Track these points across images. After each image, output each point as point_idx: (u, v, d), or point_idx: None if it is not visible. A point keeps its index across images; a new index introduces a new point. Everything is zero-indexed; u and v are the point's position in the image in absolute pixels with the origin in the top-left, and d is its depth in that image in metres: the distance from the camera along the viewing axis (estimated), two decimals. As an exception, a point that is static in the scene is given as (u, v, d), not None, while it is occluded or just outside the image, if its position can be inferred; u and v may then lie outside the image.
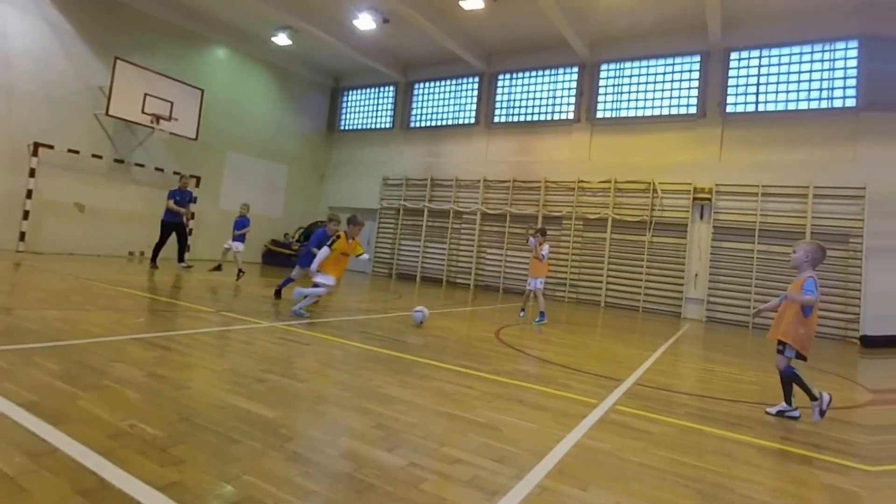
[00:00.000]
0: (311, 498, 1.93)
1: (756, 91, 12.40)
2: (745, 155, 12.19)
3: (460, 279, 15.69)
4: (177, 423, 2.51)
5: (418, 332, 6.20)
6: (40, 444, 2.15)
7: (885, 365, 7.90)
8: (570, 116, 14.63)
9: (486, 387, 3.90)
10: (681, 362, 6.24)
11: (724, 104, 12.57)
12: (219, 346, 4.41)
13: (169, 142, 14.37)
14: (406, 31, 14.39)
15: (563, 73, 14.97)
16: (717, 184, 12.28)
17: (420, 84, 17.73)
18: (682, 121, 13.08)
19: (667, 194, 12.92)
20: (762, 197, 11.76)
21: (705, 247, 12.35)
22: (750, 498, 2.36)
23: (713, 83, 12.70)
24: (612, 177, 13.53)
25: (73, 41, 12.66)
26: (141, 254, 14.07)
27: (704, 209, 12.48)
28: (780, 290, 10.75)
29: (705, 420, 3.62)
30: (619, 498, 2.21)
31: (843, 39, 11.47)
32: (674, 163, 12.90)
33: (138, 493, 1.80)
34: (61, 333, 4.26)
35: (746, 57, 12.55)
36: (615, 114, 14.09)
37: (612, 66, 14.22)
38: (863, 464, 2.99)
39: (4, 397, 2.65)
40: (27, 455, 2.03)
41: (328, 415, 2.95)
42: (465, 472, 2.30)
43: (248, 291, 8.84)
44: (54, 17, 12.33)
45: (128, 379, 3.18)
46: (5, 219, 11.67)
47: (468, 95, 16.66)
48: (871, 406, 4.72)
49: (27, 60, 11.95)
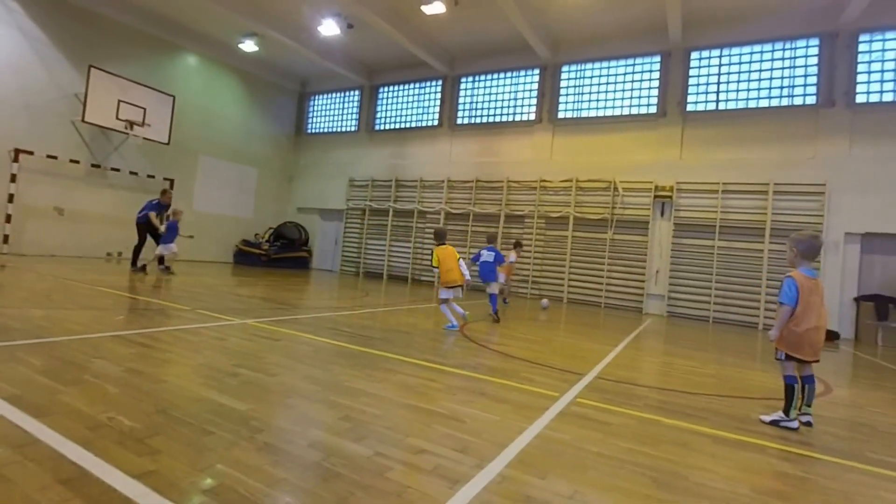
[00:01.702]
0: (280, 485, 1.95)
1: (717, 90, 12.14)
2: (706, 153, 12.02)
3: (425, 276, 15.69)
4: (153, 416, 2.53)
5: (384, 328, 6.23)
6: (23, 436, 2.16)
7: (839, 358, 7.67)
8: (531, 117, 14.45)
9: (449, 380, 3.88)
10: (641, 356, 6.11)
11: (685, 103, 12.35)
12: (194, 342, 4.37)
13: (143, 147, 13.97)
14: (370, 36, 14.25)
15: (524, 74, 14.78)
16: (678, 182, 12.12)
17: (384, 88, 17.54)
18: (643, 120, 12.87)
19: (628, 193, 12.73)
20: (723, 194, 11.61)
21: (666, 244, 12.19)
22: (704, 485, 2.36)
23: (674, 83, 12.49)
24: (574, 176, 13.38)
25: (48, 50, 12.26)
26: (119, 254, 13.71)
27: (665, 207, 12.31)
28: (739, 286, 11.22)
29: (663, 412, 3.58)
30: (578, 486, 2.22)
31: (804, 37, 11.24)
32: (635, 162, 12.72)
33: (116, 482, 1.83)
34: (44, 331, 4.21)
35: (707, 56, 12.32)
36: (576, 114, 13.85)
37: (574, 68, 13.99)
38: (814, 452, 3.01)
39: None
40: (10, 446, 2.05)
41: (297, 407, 2.94)
42: (428, 462, 2.31)
43: (220, 290, 8.70)
44: (28, 27, 11.90)
45: (107, 374, 3.17)
46: None
47: (431, 98, 16.48)
48: (823, 397, 4.58)
49: (4, 70, 11.59)
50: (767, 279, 11.08)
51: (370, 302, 9.13)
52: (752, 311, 11.25)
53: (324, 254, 18.32)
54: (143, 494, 1.77)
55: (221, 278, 10.80)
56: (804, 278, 3.46)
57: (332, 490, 1.95)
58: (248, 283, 10.50)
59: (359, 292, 10.90)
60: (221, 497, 1.81)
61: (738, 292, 11.47)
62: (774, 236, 11.09)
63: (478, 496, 2.02)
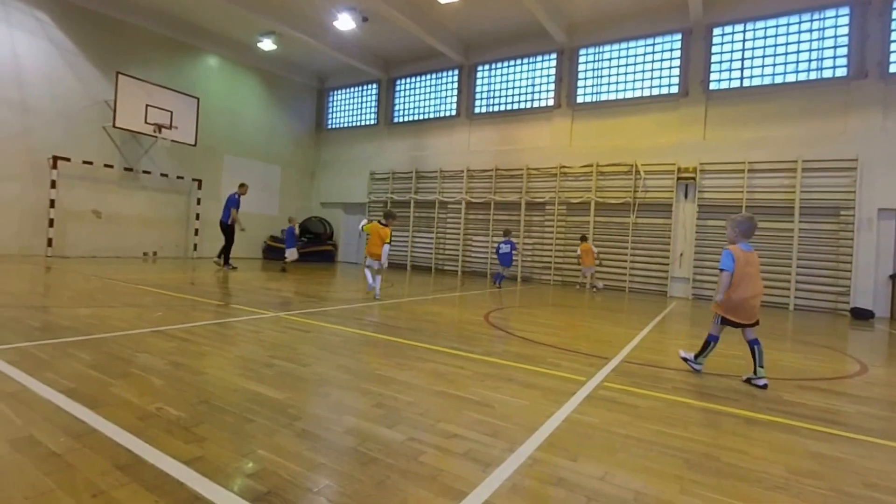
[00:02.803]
0: (319, 470, 2.01)
1: (741, 66, 11.64)
2: (731, 132, 11.64)
3: (448, 266, 15.76)
4: (197, 406, 2.64)
5: (411, 318, 6.30)
6: (80, 426, 2.28)
7: (874, 337, 7.46)
8: (550, 103, 14.24)
9: (477, 367, 3.89)
10: (667, 340, 5.99)
11: (708, 81, 11.95)
12: (229, 335, 4.51)
13: (171, 149, 14.36)
14: (385, 28, 14.23)
15: (541, 60, 14.51)
16: (702, 162, 11.80)
17: (401, 80, 17.52)
18: (665, 101, 12.54)
19: (650, 175, 12.48)
20: (749, 174, 11.26)
21: (690, 226, 11.93)
22: (737, 466, 2.33)
23: (696, 61, 12.08)
24: (595, 161, 13.15)
25: (77, 59, 12.67)
26: (154, 254, 14.23)
27: (689, 188, 12.02)
28: (767, 266, 10.96)
29: (692, 394, 3.53)
30: (608, 468, 2.21)
31: (833, 6, 10.72)
32: (657, 144, 12.46)
33: (168, 467, 1.93)
34: (91, 328, 4.41)
35: (730, 32, 11.84)
36: (595, 98, 13.57)
37: (591, 50, 13.68)
38: (850, 432, 2.94)
39: (48, 385, 2.81)
40: (70, 435, 2.18)
41: (331, 395, 3.01)
42: (460, 446, 2.33)
43: (252, 285, 8.92)
44: (58, 37, 12.31)
45: (152, 367, 3.32)
46: (34, 227, 12.05)
47: (448, 88, 16.39)
48: (859, 377, 4.52)
49: (39, 80, 12.04)
50: (798, 258, 10.76)
51: (395, 293, 9.24)
52: (781, 291, 10.96)
53: (348, 247, 18.56)
54: (194, 479, 1.86)
55: (252, 273, 11.07)
56: (741, 251, 3.92)
57: (368, 474, 2.00)
58: (277, 277, 10.73)
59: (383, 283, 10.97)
60: (265, 481, 1.88)
61: (766, 273, 11.16)
62: (804, 215, 10.75)
63: (510, 478, 2.05)
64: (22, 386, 2.77)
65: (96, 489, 1.74)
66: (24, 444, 2.06)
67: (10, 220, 11.73)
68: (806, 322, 8.72)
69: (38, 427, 2.24)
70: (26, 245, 11.96)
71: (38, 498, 1.67)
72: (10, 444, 2.06)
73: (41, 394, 2.66)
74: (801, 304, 10.79)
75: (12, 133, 11.68)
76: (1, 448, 2.02)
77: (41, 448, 2.03)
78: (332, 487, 1.88)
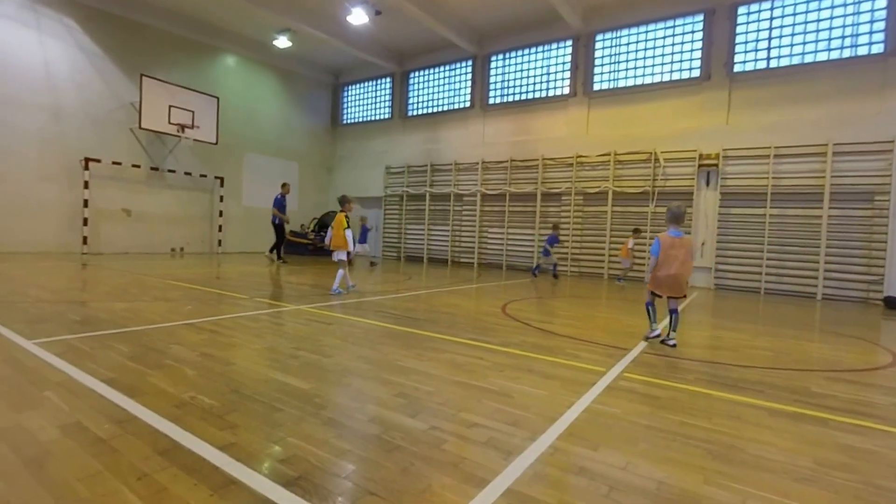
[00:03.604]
0: (346, 456, 2.08)
1: (767, 46, 10.96)
2: (755, 116, 11.10)
3: (464, 258, 15.77)
4: (228, 395, 2.75)
5: (429, 309, 6.36)
6: (122, 413, 2.42)
7: None
8: (565, 91, 13.94)
9: (496, 358, 3.91)
10: (688, 330, 5.86)
11: (732, 63, 11.34)
12: (255, 327, 4.63)
13: (194, 148, 14.67)
14: (398, 21, 14.17)
15: (556, 47, 14.15)
16: (725, 148, 11.30)
17: (415, 73, 17.43)
18: (685, 86, 12.03)
19: (670, 163, 12.06)
20: (774, 159, 10.75)
21: (712, 214, 11.50)
22: (763, 457, 2.28)
23: (719, 42, 11.49)
24: (612, 149, 12.84)
25: (103, 63, 13.01)
26: (181, 249, 14.61)
27: (711, 176, 11.56)
28: (794, 254, 10.72)
29: (714, 385, 3.47)
30: (630, 457, 2.20)
31: None
32: (677, 130, 12.02)
33: (204, 452, 2.03)
34: (127, 321, 4.61)
35: (756, 10, 11.17)
36: (613, 85, 13.12)
37: (608, 36, 13.20)
38: (883, 424, 2.83)
39: (90, 375, 2.97)
40: (114, 422, 2.31)
41: (354, 385, 3.08)
42: (481, 435, 2.36)
43: (274, 279, 9.11)
44: (85, 42, 12.66)
45: (184, 358, 3.46)
46: (70, 226, 12.56)
47: (462, 80, 16.19)
48: (892, 368, 4.37)
49: (69, 85, 12.45)
50: (826, 246, 10.39)
51: (412, 285, 9.32)
52: (809, 280, 10.63)
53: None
54: (229, 463, 1.96)
55: (273, 268, 11.28)
56: (667, 237, 4.72)
57: (393, 461, 2.07)
58: (297, 271, 10.92)
59: (401, 276, 11.12)
60: (296, 466, 1.97)
61: (792, 261, 10.87)
62: (834, 201, 10.30)
63: (531, 466, 2.08)
64: (67, 376, 2.93)
65: (140, 472, 1.85)
66: (73, 430, 2.19)
67: (48, 219, 12.20)
68: (835, 312, 8.46)
69: (85, 414, 2.37)
70: (64, 243, 12.44)
71: (88, 479, 1.79)
72: (60, 429, 2.20)
73: (85, 383, 2.81)
74: (830, 294, 10.44)
75: (48, 137, 12.11)
76: (53, 433, 2.15)
77: (88, 434, 2.16)
78: (358, 473, 1.96)
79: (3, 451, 1.96)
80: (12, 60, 11.50)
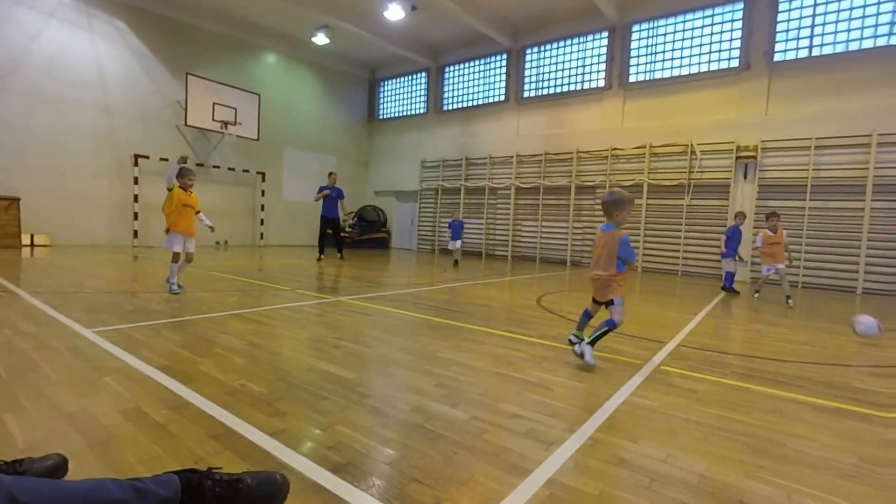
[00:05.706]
0: (391, 444, 2.09)
1: (810, 34, 10.55)
2: (796, 106, 10.68)
3: (498, 251, 15.70)
4: (276, 383, 2.80)
5: (465, 302, 6.35)
6: (177, 399, 2.49)
7: None
8: (600, 84, 13.64)
9: (533, 350, 3.90)
10: (724, 324, 5.75)
11: (772, 53, 10.91)
12: (298, 318, 4.72)
13: (236, 144, 15.04)
14: (433, 15, 14.14)
15: (592, 39, 13.84)
16: (763, 140, 10.90)
17: (450, 67, 17.35)
18: (723, 76, 11.63)
19: (706, 155, 11.71)
20: (815, 150, 10.34)
21: (749, 207, 11.10)
22: (804, 453, 2.23)
23: (759, 31, 11.07)
24: (647, 142, 12.54)
25: (151, 62, 13.44)
26: (226, 242, 15.07)
27: (749, 168, 11.20)
28: (834, 248, 10.27)
29: (752, 379, 3.39)
30: (669, 450, 2.18)
31: None
32: (714, 121, 11.65)
33: (255, 438, 2.08)
34: (178, 311, 4.77)
35: None
36: (649, 76, 12.76)
37: (645, 26, 12.81)
38: None
39: (146, 363, 3.08)
40: (170, 407, 2.38)
41: (396, 375, 3.11)
42: (522, 426, 2.37)
43: (314, 271, 9.28)
44: (134, 43, 13.10)
45: (233, 347, 3.54)
46: (121, 220, 13.12)
47: (497, 73, 16.03)
48: None
49: (119, 83, 12.93)
50: (868, 239, 9.91)
51: (448, 277, 9.33)
52: (849, 274, 10.15)
53: (401, 233, 18.86)
54: (279, 449, 2.00)
55: (313, 260, 11.50)
56: (598, 232, 3.68)
57: (437, 449, 2.07)
58: (336, 263, 11.09)
59: (436, 268, 11.15)
60: (343, 453, 1.99)
61: (832, 255, 10.38)
62: (878, 192, 9.81)
63: (572, 457, 2.06)
64: (125, 363, 3.05)
65: (197, 456, 1.90)
66: (133, 415, 2.28)
67: (101, 213, 12.80)
68: (877, 306, 8.05)
69: (143, 400, 2.46)
70: (116, 236, 13.04)
71: (150, 462, 1.85)
72: (121, 414, 2.28)
73: (141, 370, 2.92)
74: (871, 288, 9.94)
75: (100, 133, 12.66)
76: (115, 418, 2.24)
77: (147, 419, 2.24)
78: (404, 461, 1.96)
79: (72, 435, 2.05)
80: (68, 62, 12.03)
